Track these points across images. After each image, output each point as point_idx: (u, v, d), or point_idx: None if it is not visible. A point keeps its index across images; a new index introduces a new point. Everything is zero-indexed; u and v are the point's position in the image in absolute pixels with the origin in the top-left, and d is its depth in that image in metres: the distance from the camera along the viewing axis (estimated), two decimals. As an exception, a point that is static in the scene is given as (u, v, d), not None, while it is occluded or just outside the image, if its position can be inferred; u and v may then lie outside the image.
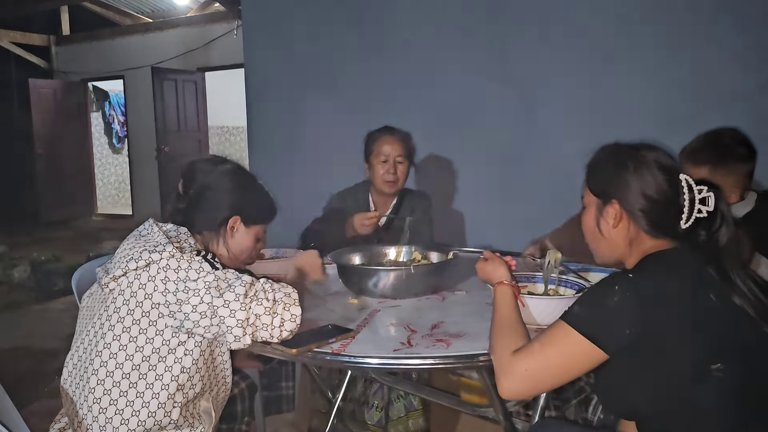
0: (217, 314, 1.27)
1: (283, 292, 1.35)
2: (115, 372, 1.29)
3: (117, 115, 9.89)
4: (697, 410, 1.02)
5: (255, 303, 1.29)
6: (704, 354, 1.01)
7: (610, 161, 1.21)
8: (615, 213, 1.17)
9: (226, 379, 1.47)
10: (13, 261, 5.37)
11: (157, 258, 1.30)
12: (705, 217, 1.12)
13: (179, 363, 1.31)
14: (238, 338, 1.29)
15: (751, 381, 1.04)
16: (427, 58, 3.23)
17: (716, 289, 1.05)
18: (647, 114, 2.70)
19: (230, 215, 1.49)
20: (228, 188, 1.50)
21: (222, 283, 1.30)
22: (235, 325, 1.27)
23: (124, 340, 1.29)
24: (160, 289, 1.29)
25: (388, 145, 2.30)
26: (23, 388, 2.84)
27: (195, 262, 1.32)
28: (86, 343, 1.35)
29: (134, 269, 1.31)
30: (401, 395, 2.20)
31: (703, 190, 1.13)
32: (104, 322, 1.32)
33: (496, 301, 1.32)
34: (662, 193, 1.13)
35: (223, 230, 1.49)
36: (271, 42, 3.73)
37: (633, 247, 1.17)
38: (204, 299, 1.27)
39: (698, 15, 2.59)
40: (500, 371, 1.10)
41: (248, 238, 1.53)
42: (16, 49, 8.36)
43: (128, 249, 1.36)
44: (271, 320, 1.30)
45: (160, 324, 1.29)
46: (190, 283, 1.29)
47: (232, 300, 1.28)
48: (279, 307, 1.31)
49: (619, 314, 1.03)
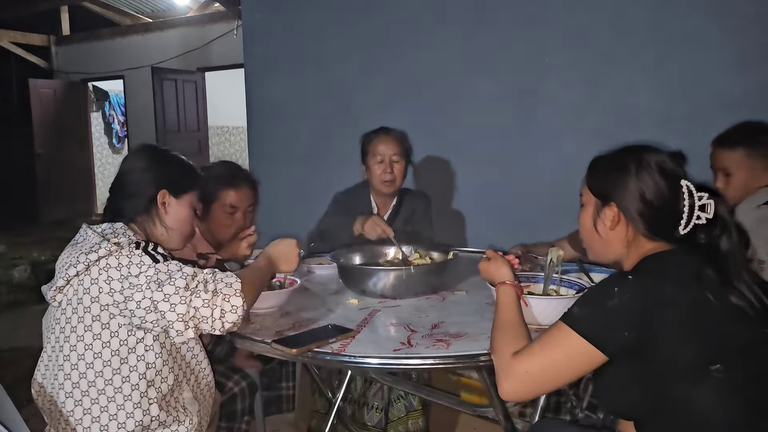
0: (158, 309, 1.24)
1: (224, 282, 1.29)
2: (80, 382, 1.27)
3: (117, 115, 9.88)
4: (696, 411, 1.02)
5: (194, 296, 1.25)
6: (703, 355, 1.01)
7: (612, 162, 1.20)
8: (613, 215, 1.17)
9: (202, 365, 1.44)
10: (13, 261, 5.37)
11: (95, 258, 1.27)
12: (704, 224, 1.12)
13: (143, 360, 1.29)
14: (180, 332, 1.26)
15: (751, 382, 1.03)
16: (427, 58, 3.23)
17: (715, 290, 1.05)
18: (647, 114, 2.70)
19: (156, 191, 1.44)
20: (144, 167, 1.45)
21: (162, 276, 1.26)
22: (176, 319, 1.24)
23: (80, 350, 1.27)
24: (105, 290, 1.26)
25: (383, 145, 2.30)
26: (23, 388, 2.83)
27: (135, 256, 1.28)
28: (45, 360, 1.34)
29: (75, 275, 1.28)
30: (401, 395, 2.21)
31: (703, 197, 1.12)
32: (59, 336, 1.30)
33: (499, 301, 1.32)
34: (662, 197, 1.13)
35: (154, 210, 1.44)
36: (271, 42, 3.73)
37: (631, 249, 1.18)
38: (146, 294, 1.24)
39: (698, 15, 2.59)
40: (501, 373, 1.10)
41: (183, 209, 1.48)
42: (16, 49, 8.36)
43: (66, 257, 1.33)
44: (210, 312, 1.26)
45: (113, 325, 1.27)
46: (132, 278, 1.26)
47: (172, 293, 1.25)
48: (218, 299, 1.26)
49: (618, 316, 1.03)
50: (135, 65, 8.07)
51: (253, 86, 3.83)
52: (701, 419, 1.02)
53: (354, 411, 2.26)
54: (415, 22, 3.25)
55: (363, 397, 2.24)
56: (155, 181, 1.44)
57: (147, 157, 1.47)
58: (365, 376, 2.21)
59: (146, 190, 1.43)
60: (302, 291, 1.85)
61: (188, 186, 1.50)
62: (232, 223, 2.02)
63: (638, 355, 1.03)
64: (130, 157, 1.50)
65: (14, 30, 8.23)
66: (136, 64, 8.04)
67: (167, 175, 1.46)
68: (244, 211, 2.05)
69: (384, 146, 2.30)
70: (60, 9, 8.63)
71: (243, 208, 2.04)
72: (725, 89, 2.55)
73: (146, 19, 8.55)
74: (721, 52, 2.55)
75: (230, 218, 2.01)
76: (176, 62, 7.81)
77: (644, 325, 1.01)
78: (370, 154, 2.32)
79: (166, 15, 8.49)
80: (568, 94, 2.89)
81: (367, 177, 2.39)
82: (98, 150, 9.71)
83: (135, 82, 8.15)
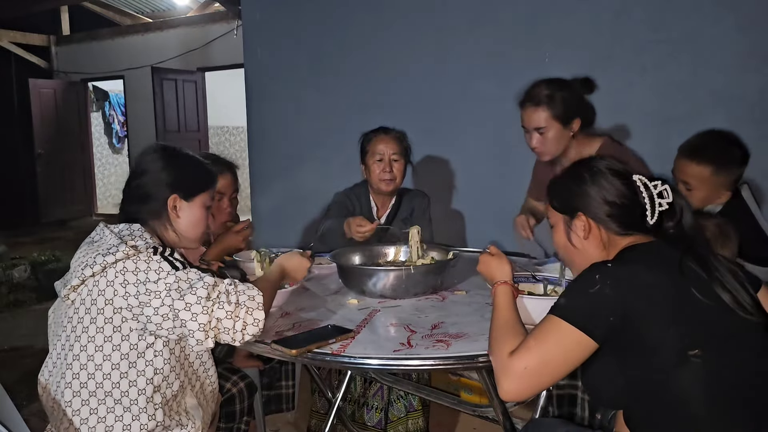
0: (179, 317, 1.24)
1: (247, 295, 1.31)
2: (88, 383, 1.27)
3: (117, 115, 9.89)
4: (677, 397, 1.04)
5: (217, 306, 1.26)
6: (682, 339, 1.03)
7: (567, 178, 1.30)
8: (583, 224, 1.23)
9: (209, 371, 1.44)
10: (13, 261, 5.36)
11: (112, 260, 1.26)
12: (668, 209, 1.20)
13: (151, 365, 1.29)
14: (200, 341, 1.26)
15: (730, 368, 1.05)
16: (427, 57, 3.23)
17: (694, 277, 1.09)
18: (647, 114, 2.70)
19: (166, 196, 1.42)
20: (155, 170, 1.43)
21: (183, 285, 1.27)
22: (197, 329, 1.25)
23: (90, 350, 1.27)
24: (120, 293, 1.26)
25: (382, 144, 2.30)
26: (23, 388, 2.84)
27: (153, 262, 1.28)
28: (54, 357, 1.34)
29: (91, 276, 1.27)
30: (401, 395, 2.21)
31: (657, 184, 1.21)
32: (69, 334, 1.29)
33: (498, 301, 1.33)
34: (622, 196, 1.21)
35: (165, 214, 1.43)
36: (271, 42, 3.73)
37: (609, 250, 1.23)
38: (165, 301, 1.24)
39: (698, 15, 2.59)
40: (500, 373, 1.11)
41: (195, 212, 1.46)
42: (16, 49, 8.36)
43: (82, 257, 1.32)
44: (233, 324, 1.27)
45: (124, 329, 1.27)
46: (150, 284, 1.26)
47: (193, 303, 1.25)
48: (241, 311, 1.28)
49: (601, 302, 1.07)
50: (135, 65, 8.07)
51: (253, 86, 3.83)
52: (683, 405, 1.04)
53: (354, 411, 2.26)
54: (415, 22, 3.25)
55: (363, 397, 2.24)
56: (166, 186, 1.42)
57: (157, 159, 1.45)
58: (365, 376, 2.21)
59: (156, 194, 1.42)
60: (302, 291, 1.85)
61: (200, 187, 1.48)
62: (220, 211, 2.11)
63: (622, 340, 1.06)
64: (140, 158, 1.47)
65: (14, 30, 8.23)
66: (136, 64, 8.04)
67: (178, 178, 1.44)
68: (230, 198, 2.17)
69: (383, 145, 2.30)
70: (60, 9, 8.63)
71: (228, 194, 2.16)
72: (725, 89, 2.55)
73: (146, 19, 8.55)
74: (721, 52, 2.55)
75: (218, 206, 2.09)
76: (176, 62, 7.81)
77: (625, 309, 1.05)
78: (369, 154, 2.32)
79: (166, 15, 8.49)
80: (568, 94, 2.88)
81: (366, 176, 2.39)
82: (98, 150, 9.71)
83: (135, 82, 8.15)
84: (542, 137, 2.01)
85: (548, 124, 1.99)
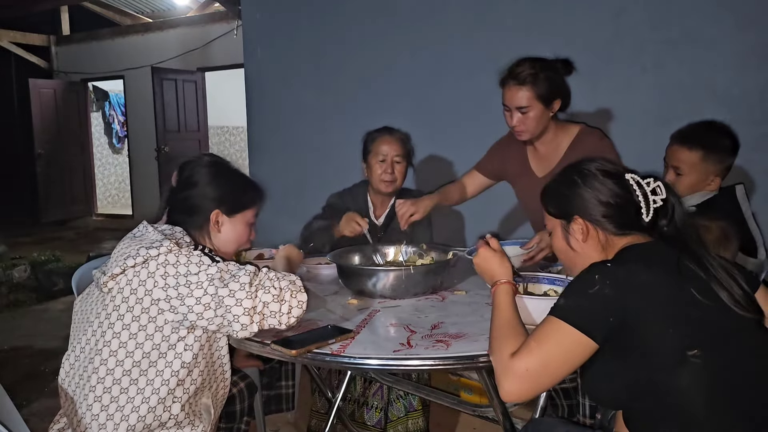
0: (223, 304, 1.28)
1: (287, 280, 1.37)
2: (115, 369, 1.29)
3: (117, 115, 9.89)
4: (676, 397, 1.03)
5: (262, 291, 1.31)
6: (681, 339, 1.03)
7: (559, 183, 1.30)
8: (581, 227, 1.24)
9: (225, 375, 1.47)
10: (13, 261, 5.37)
11: (155, 254, 1.31)
12: (662, 206, 1.20)
13: (179, 358, 1.32)
14: (245, 326, 1.30)
15: (729, 367, 1.05)
16: (427, 57, 3.23)
17: (692, 276, 1.09)
18: (647, 114, 2.70)
19: (209, 211, 1.49)
20: (203, 183, 1.50)
21: (225, 275, 1.32)
22: (242, 313, 1.29)
23: (124, 338, 1.30)
24: (160, 284, 1.29)
25: (386, 145, 2.29)
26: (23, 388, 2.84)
27: (194, 256, 1.33)
28: (83, 342, 1.35)
29: (132, 266, 1.31)
30: (401, 395, 2.20)
31: (650, 181, 1.21)
32: (103, 321, 1.32)
33: (498, 301, 1.32)
34: (616, 195, 1.21)
35: (206, 227, 1.50)
36: (271, 42, 3.73)
37: (608, 251, 1.23)
38: (208, 291, 1.29)
39: (698, 14, 2.59)
40: (501, 374, 1.11)
41: (236, 228, 1.53)
42: (16, 49, 8.36)
43: (125, 248, 1.37)
44: (279, 307, 1.32)
45: (159, 320, 1.30)
46: (192, 276, 1.30)
47: (237, 289, 1.29)
48: (286, 294, 1.34)
49: (601, 302, 1.06)
50: (135, 65, 8.07)
51: (253, 86, 3.83)
52: (682, 405, 1.03)
53: (354, 411, 2.26)
54: (415, 22, 3.25)
55: (363, 397, 2.24)
56: (212, 201, 1.49)
57: (208, 174, 1.51)
58: (365, 376, 2.21)
59: (202, 208, 1.49)
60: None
61: (244, 204, 1.55)
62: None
63: (622, 341, 1.05)
64: (195, 172, 1.52)
65: (14, 30, 8.23)
66: (136, 64, 8.04)
67: (223, 194, 1.51)
68: None
69: (387, 146, 2.29)
70: (60, 9, 8.62)
71: None
72: (725, 89, 2.55)
73: (146, 19, 8.55)
74: (721, 52, 2.55)
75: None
76: (176, 62, 7.81)
77: (625, 310, 1.05)
78: (372, 153, 2.32)
79: (166, 15, 8.49)
80: (567, 94, 2.88)
81: (366, 176, 2.39)
82: (98, 150, 9.71)
83: (135, 82, 8.15)
84: (524, 117, 1.97)
85: (531, 104, 1.95)
